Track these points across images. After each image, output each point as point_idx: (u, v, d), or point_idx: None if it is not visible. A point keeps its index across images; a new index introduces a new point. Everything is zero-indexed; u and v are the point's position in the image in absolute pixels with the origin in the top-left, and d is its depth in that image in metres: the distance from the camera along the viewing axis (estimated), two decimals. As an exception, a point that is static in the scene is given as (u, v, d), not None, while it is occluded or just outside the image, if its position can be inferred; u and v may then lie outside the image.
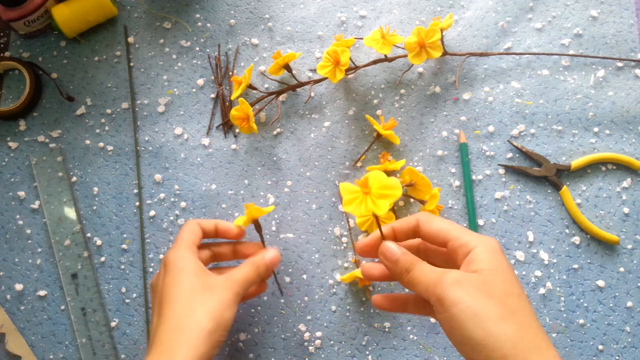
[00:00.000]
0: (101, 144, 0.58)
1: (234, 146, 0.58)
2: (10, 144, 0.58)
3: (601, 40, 0.59)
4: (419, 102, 0.58)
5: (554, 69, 0.58)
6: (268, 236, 0.55)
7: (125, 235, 0.56)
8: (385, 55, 0.57)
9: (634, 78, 0.58)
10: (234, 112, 0.54)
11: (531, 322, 0.32)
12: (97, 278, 0.55)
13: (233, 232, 0.49)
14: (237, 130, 0.58)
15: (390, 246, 0.38)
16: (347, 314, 0.53)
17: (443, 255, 0.40)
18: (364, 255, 0.42)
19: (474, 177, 0.56)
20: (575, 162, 0.55)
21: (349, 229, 0.55)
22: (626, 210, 0.54)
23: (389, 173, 0.56)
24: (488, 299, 0.32)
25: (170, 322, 0.40)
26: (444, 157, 0.56)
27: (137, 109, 0.59)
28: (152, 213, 0.56)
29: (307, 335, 0.53)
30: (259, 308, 0.54)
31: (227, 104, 0.59)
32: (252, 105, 0.55)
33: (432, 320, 0.53)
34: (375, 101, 0.58)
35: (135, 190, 0.57)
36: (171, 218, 0.56)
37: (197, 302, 0.41)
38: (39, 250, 0.56)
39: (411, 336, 0.53)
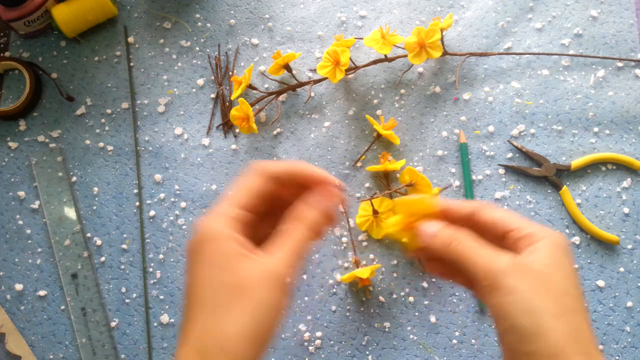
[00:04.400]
0: (101, 144, 0.58)
1: (234, 146, 0.58)
2: (10, 144, 0.58)
3: (601, 40, 0.59)
4: (419, 102, 0.58)
5: (554, 69, 0.58)
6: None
7: (125, 235, 0.56)
8: (385, 55, 0.57)
9: (634, 78, 0.58)
10: (234, 112, 0.54)
11: (584, 326, 0.31)
12: (97, 278, 0.55)
13: (328, 181, 0.35)
14: (237, 130, 0.58)
15: (427, 224, 0.35)
16: (347, 314, 0.53)
17: (498, 245, 0.36)
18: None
19: (474, 177, 0.56)
20: (575, 162, 0.55)
21: (349, 229, 0.55)
22: (626, 210, 0.54)
23: (389, 173, 0.56)
24: (545, 293, 0.31)
25: (194, 334, 0.31)
26: (444, 157, 0.56)
27: (137, 109, 0.59)
28: (152, 213, 0.56)
29: (307, 335, 0.53)
30: (259, 308, 0.54)
31: (227, 104, 0.59)
32: (252, 105, 0.55)
33: (432, 320, 0.53)
34: (375, 101, 0.58)
35: (135, 190, 0.57)
36: (171, 218, 0.56)
37: (225, 311, 0.30)
38: (39, 250, 0.56)
39: (411, 336, 0.53)
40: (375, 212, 0.53)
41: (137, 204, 0.57)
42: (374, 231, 0.54)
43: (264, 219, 0.35)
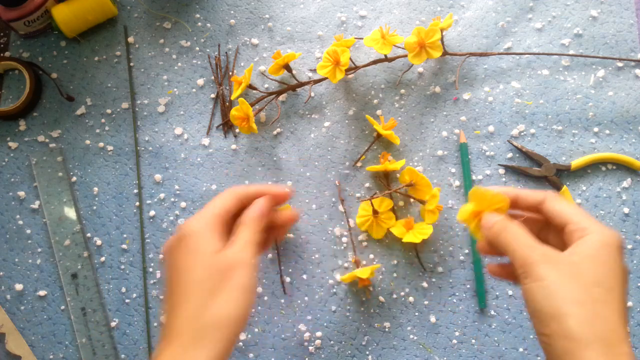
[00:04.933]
0: (101, 144, 0.58)
1: (234, 146, 0.58)
2: (10, 144, 0.58)
3: (601, 40, 0.59)
4: (419, 102, 0.58)
5: (554, 69, 0.58)
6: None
7: (125, 235, 0.56)
8: (385, 55, 0.57)
9: (634, 78, 0.58)
10: (234, 112, 0.54)
11: (609, 316, 0.32)
12: (97, 278, 0.55)
13: (281, 195, 0.44)
14: (237, 130, 0.58)
15: (490, 215, 0.39)
16: (347, 314, 0.53)
17: (561, 237, 0.39)
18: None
19: (474, 177, 0.56)
20: (575, 162, 0.55)
21: (349, 229, 0.55)
22: (626, 210, 0.54)
23: (389, 173, 0.56)
24: (573, 282, 0.33)
25: (186, 315, 0.36)
26: (444, 157, 0.56)
27: (137, 109, 0.59)
28: (152, 213, 0.56)
29: (307, 335, 0.53)
30: (259, 308, 0.54)
31: (227, 104, 0.59)
32: (252, 105, 0.55)
33: (432, 320, 0.53)
34: (375, 101, 0.58)
35: (135, 190, 0.57)
36: (171, 218, 0.56)
37: (215, 293, 0.36)
38: (39, 250, 0.56)
39: (411, 336, 0.53)
40: (375, 212, 0.53)
41: (137, 204, 0.57)
42: (374, 231, 0.54)
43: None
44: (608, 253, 0.34)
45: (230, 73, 0.60)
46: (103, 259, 0.55)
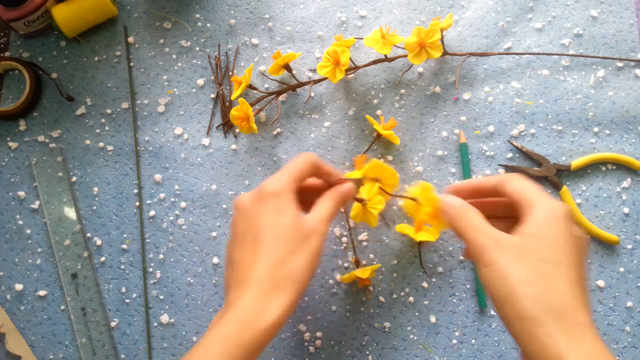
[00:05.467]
0: (101, 144, 0.58)
1: (234, 146, 0.58)
2: (10, 144, 0.58)
3: (601, 40, 0.59)
4: (419, 102, 0.58)
5: (554, 69, 0.58)
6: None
7: (125, 235, 0.56)
8: (385, 55, 0.57)
9: (634, 78, 0.58)
10: (234, 112, 0.54)
11: (559, 289, 0.33)
12: (97, 278, 0.55)
13: (346, 186, 0.46)
14: (237, 130, 0.58)
15: (447, 198, 0.42)
16: (347, 314, 0.53)
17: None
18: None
19: (474, 177, 0.56)
20: (575, 162, 0.55)
21: (349, 229, 0.55)
22: (626, 210, 0.54)
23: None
24: (520, 263, 0.34)
25: (267, 264, 0.39)
26: (444, 157, 0.56)
27: (137, 109, 0.59)
28: (152, 213, 0.56)
29: (307, 335, 0.53)
30: (259, 308, 0.54)
31: (227, 104, 0.59)
32: (252, 105, 0.55)
33: (432, 320, 0.53)
34: (375, 101, 0.58)
35: (135, 190, 0.57)
36: (171, 218, 0.56)
37: (295, 250, 0.40)
38: (39, 250, 0.56)
39: (411, 336, 0.53)
40: (360, 200, 0.50)
41: (137, 204, 0.57)
42: (368, 219, 0.50)
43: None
44: (555, 226, 0.35)
45: (230, 73, 0.60)
46: (103, 259, 0.55)
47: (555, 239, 0.35)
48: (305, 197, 0.46)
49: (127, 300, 0.54)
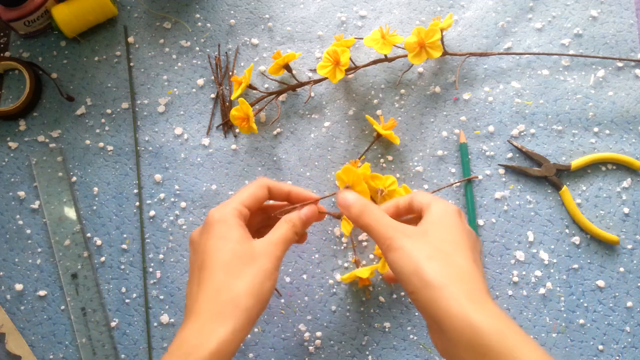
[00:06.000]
0: (101, 144, 0.58)
1: (234, 146, 0.58)
2: (10, 144, 0.58)
3: (601, 40, 0.59)
4: (419, 102, 0.58)
5: (554, 69, 0.58)
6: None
7: (125, 235, 0.56)
8: (385, 55, 0.57)
9: (634, 78, 0.58)
10: (234, 112, 0.54)
11: (460, 262, 0.37)
12: (97, 278, 0.55)
13: (310, 199, 0.46)
14: (237, 130, 0.58)
15: (344, 193, 0.43)
16: (347, 314, 0.53)
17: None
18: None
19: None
20: (575, 162, 0.55)
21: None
22: (626, 210, 0.54)
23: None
24: (425, 244, 0.38)
25: (209, 292, 0.39)
26: (444, 157, 0.56)
27: (137, 109, 0.59)
28: (152, 213, 0.56)
29: (307, 335, 0.53)
30: (259, 308, 0.54)
31: (227, 104, 0.59)
32: (252, 105, 0.55)
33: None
34: (375, 101, 0.58)
35: (135, 190, 0.57)
36: (171, 218, 0.56)
37: (238, 274, 0.39)
38: (39, 250, 0.56)
39: (411, 336, 0.53)
40: (337, 216, 0.52)
41: (137, 204, 0.57)
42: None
43: (252, 220, 0.46)
44: (448, 218, 0.40)
45: (230, 73, 0.60)
46: (103, 259, 0.55)
47: (449, 227, 0.40)
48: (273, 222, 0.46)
49: (127, 300, 0.54)
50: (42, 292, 0.55)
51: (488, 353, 0.33)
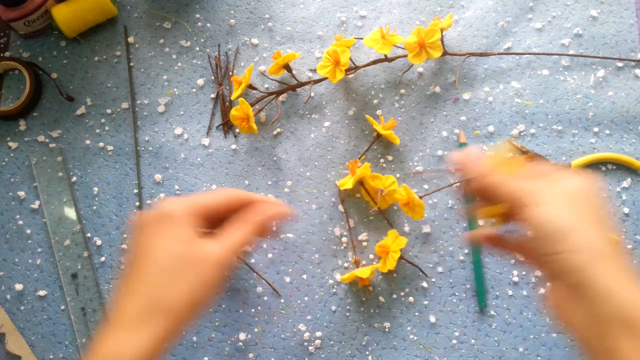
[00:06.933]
0: (101, 144, 0.58)
1: (234, 146, 0.58)
2: (10, 144, 0.58)
3: (601, 40, 0.59)
4: (419, 102, 0.58)
5: (554, 69, 0.58)
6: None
7: (125, 235, 0.56)
8: (385, 55, 0.57)
9: (634, 78, 0.58)
10: (234, 112, 0.54)
11: (611, 238, 0.34)
12: (97, 278, 0.55)
13: (268, 208, 0.41)
14: (237, 130, 0.58)
15: (468, 151, 0.39)
16: (347, 314, 0.53)
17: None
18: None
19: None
20: (575, 162, 0.55)
21: (349, 229, 0.55)
22: (626, 210, 0.54)
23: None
24: (570, 207, 0.34)
25: (139, 295, 0.36)
26: (444, 157, 0.56)
27: (137, 109, 0.59)
28: (152, 213, 0.56)
29: (307, 335, 0.53)
30: (259, 308, 0.54)
31: (227, 104, 0.59)
32: (252, 105, 0.55)
33: (432, 320, 0.53)
34: (375, 101, 0.58)
35: (135, 190, 0.57)
36: (171, 218, 0.56)
37: (173, 280, 0.36)
38: (39, 250, 0.56)
39: (411, 336, 0.53)
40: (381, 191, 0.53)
41: (137, 204, 0.57)
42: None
43: (212, 222, 0.41)
44: (590, 194, 0.36)
45: (230, 73, 0.60)
46: (103, 259, 0.55)
47: (594, 203, 0.36)
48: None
49: (127, 300, 0.54)
50: (42, 292, 0.55)
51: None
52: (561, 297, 0.34)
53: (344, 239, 0.55)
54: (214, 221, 0.41)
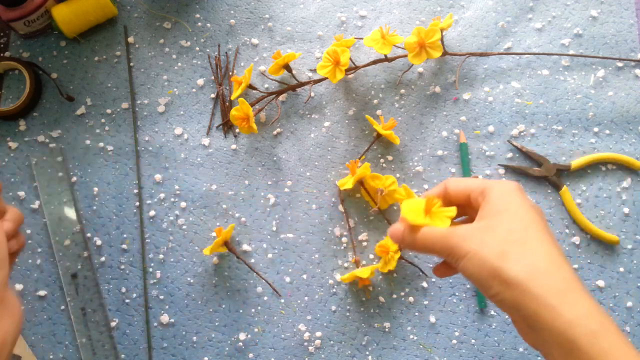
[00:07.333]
0: (101, 144, 0.58)
1: (234, 146, 0.58)
2: (10, 144, 0.58)
3: (601, 40, 0.59)
4: (419, 102, 0.58)
5: (554, 69, 0.58)
6: (268, 236, 0.55)
7: (125, 235, 0.56)
8: (385, 55, 0.57)
9: (634, 78, 0.58)
10: (234, 112, 0.54)
11: (537, 250, 0.33)
12: (97, 278, 0.55)
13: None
14: (237, 130, 0.58)
15: (393, 227, 0.39)
16: (347, 314, 0.53)
17: (471, 210, 0.40)
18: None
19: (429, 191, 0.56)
20: (575, 162, 0.55)
21: (349, 229, 0.55)
22: (626, 210, 0.54)
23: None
24: (492, 240, 0.34)
25: None
26: (444, 157, 0.56)
27: (137, 109, 0.59)
28: (152, 213, 0.56)
29: (307, 335, 0.53)
30: (259, 308, 0.54)
31: (227, 104, 0.59)
32: (252, 105, 0.55)
33: (432, 320, 0.53)
34: (375, 101, 0.58)
35: (135, 190, 0.57)
36: (171, 218, 0.56)
37: None
38: (39, 250, 0.56)
39: (411, 336, 0.53)
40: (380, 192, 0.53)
41: (137, 204, 0.57)
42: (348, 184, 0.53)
43: None
44: (510, 200, 0.36)
45: (230, 73, 0.60)
46: (103, 259, 0.55)
47: (515, 209, 0.35)
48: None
49: (127, 300, 0.54)
50: (42, 292, 0.55)
51: (581, 356, 0.31)
52: (518, 325, 0.36)
53: (344, 239, 0.55)
54: None
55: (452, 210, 0.38)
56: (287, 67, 0.57)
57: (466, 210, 0.40)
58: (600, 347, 0.30)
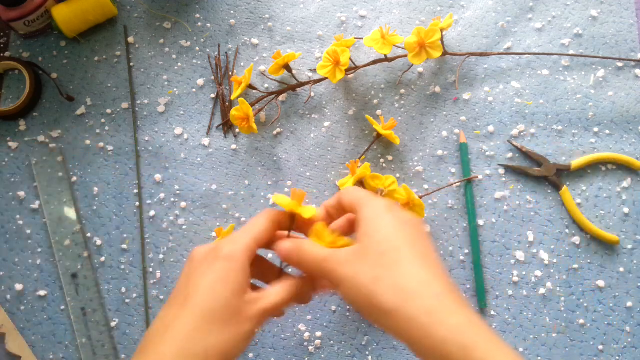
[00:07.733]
0: (101, 144, 0.58)
1: (234, 146, 0.58)
2: (10, 144, 0.58)
3: (601, 40, 0.59)
4: (419, 102, 0.58)
5: (554, 69, 0.58)
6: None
7: (125, 235, 0.56)
8: (385, 55, 0.57)
9: (634, 78, 0.58)
10: (234, 112, 0.54)
11: (407, 271, 0.34)
12: (97, 278, 0.55)
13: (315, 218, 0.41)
14: (237, 130, 0.58)
15: (278, 242, 0.39)
16: (347, 314, 0.53)
17: None
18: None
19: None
20: (575, 162, 0.55)
21: (349, 229, 0.55)
22: (626, 210, 0.54)
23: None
24: (365, 265, 0.34)
25: (182, 333, 0.35)
26: (444, 157, 0.56)
27: (137, 109, 0.59)
28: (152, 213, 0.56)
29: (307, 335, 0.53)
30: (259, 308, 0.54)
31: (227, 104, 0.59)
32: (252, 105, 0.55)
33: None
34: (375, 101, 0.58)
35: (135, 190, 0.57)
36: (171, 218, 0.56)
37: (218, 328, 0.35)
38: (39, 250, 0.56)
39: (411, 336, 0.53)
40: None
41: (137, 204, 0.57)
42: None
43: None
44: (379, 221, 0.36)
45: (230, 73, 0.60)
46: (103, 259, 0.55)
47: (384, 230, 0.36)
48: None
49: (127, 300, 0.54)
50: (42, 292, 0.55)
51: None
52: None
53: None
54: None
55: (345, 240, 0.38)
56: (287, 67, 0.57)
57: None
58: (473, 358, 0.30)
